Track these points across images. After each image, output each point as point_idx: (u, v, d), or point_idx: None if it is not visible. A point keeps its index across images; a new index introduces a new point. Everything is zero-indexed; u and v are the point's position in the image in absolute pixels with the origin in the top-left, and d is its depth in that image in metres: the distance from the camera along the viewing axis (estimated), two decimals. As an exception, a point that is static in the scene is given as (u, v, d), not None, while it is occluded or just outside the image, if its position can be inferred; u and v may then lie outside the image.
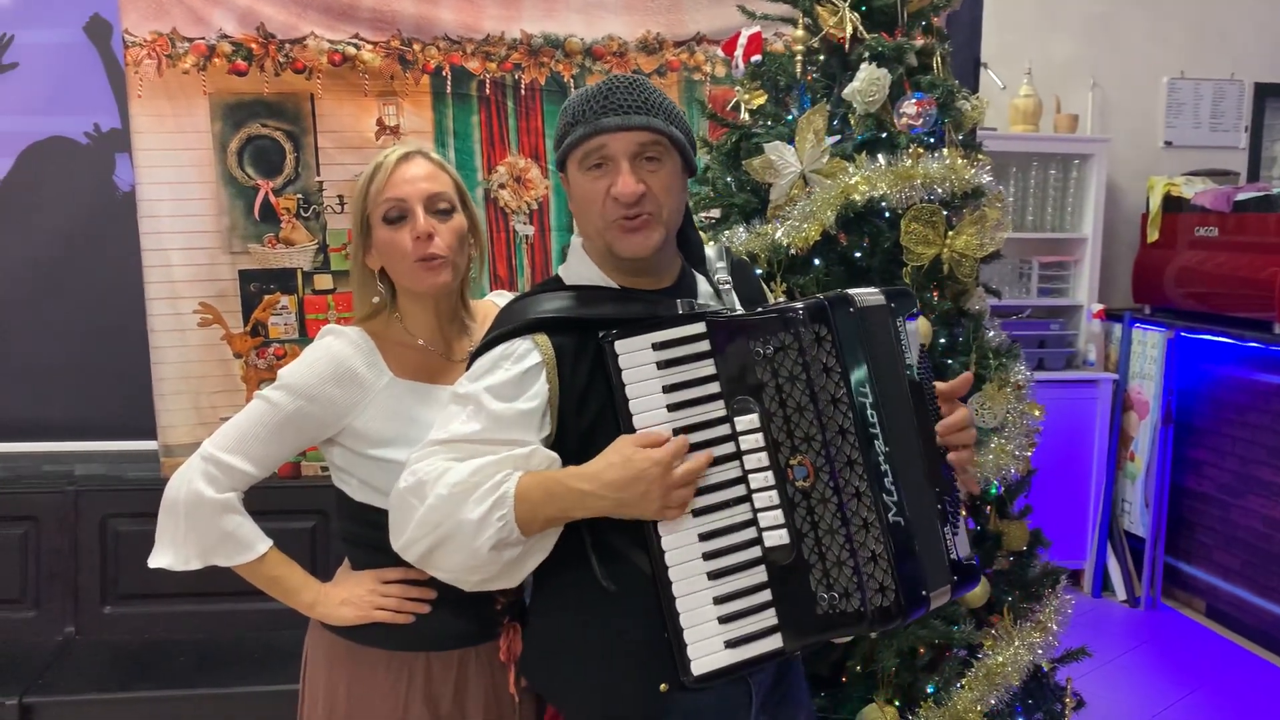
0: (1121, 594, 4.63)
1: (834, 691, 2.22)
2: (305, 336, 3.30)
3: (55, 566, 3.22)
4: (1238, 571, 4.29)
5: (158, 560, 1.69)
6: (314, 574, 1.77)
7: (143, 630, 3.20)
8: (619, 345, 1.43)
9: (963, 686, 2.17)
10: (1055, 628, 2.33)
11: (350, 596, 1.70)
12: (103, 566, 3.23)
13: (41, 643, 3.15)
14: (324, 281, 3.31)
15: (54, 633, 3.20)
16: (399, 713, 1.69)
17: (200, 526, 1.66)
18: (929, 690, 2.18)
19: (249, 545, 1.69)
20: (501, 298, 1.80)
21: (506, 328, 1.51)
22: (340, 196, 3.27)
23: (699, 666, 1.40)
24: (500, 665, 1.74)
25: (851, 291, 1.50)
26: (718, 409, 1.44)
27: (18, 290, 3.41)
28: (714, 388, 1.45)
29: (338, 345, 1.68)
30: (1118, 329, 4.70)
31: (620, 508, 1.40)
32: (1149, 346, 4.56)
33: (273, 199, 3.24)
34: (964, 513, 1.61)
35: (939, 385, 1.61)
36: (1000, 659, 2.19)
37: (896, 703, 2.17)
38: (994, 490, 2.31)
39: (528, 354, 1.47)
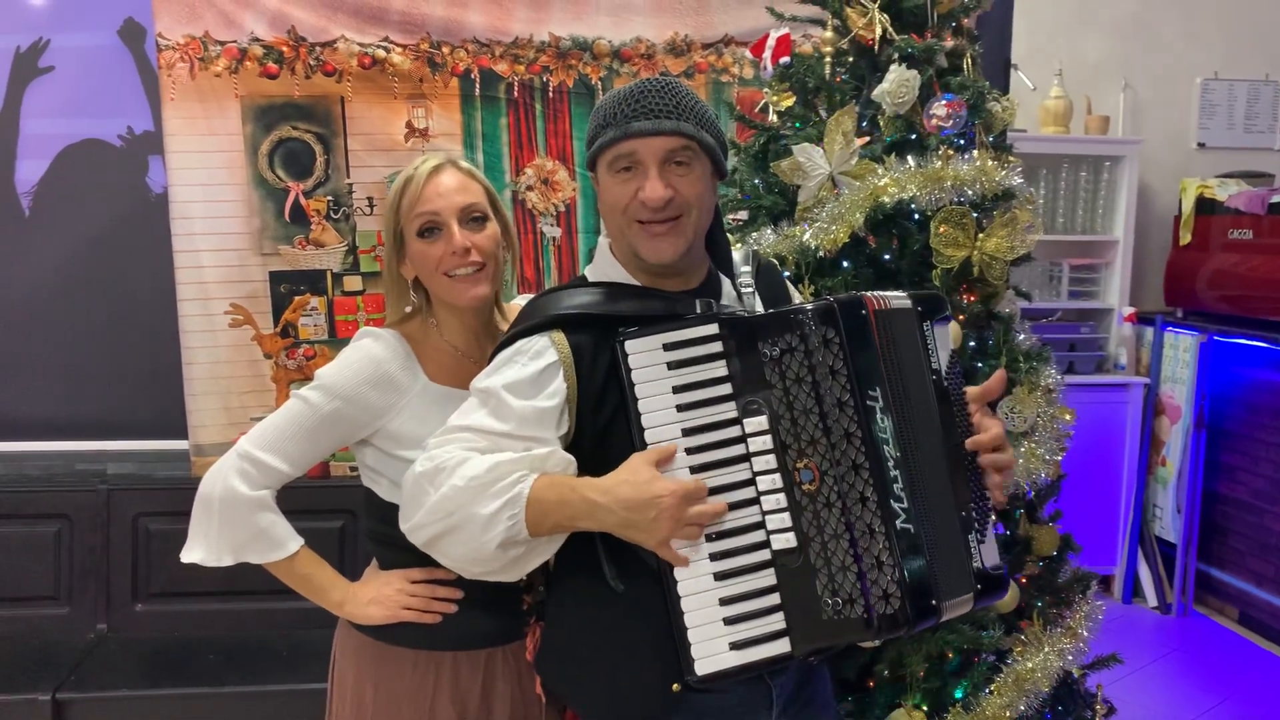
0: (1152, 600, 4.59)
1: (861, 696, 2.21)
2: (335, 337, 3.32)
3: (88, 564, 3.25)
4: (1271, 578, 4.23)
5: (190, 555, 1.71)
6: (343, 573, 1.78)
7: (173, 628, 3.23)
8: (629, 345, 1.43)
9: (992, 692, 2.15)
10: (1085, 634, 2.31)
11: (378, 596, 1.71)
12: (134, 565, 3.26)
13: (74, 640, 3.19)
14: (354, 283, 3.33)
15: (86, 630, 3.24)
16: (426, 712, 1.70)
17: (234, 523, 1.67)
18: (957, 695, 2.17)
19: (281, 543, 1.71)
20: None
21: (525, 325, 1.52)
22: (370, 198, 3.29)
23: (702, 666, 1.39)
24: (527, 665, 1.75)
25: (876, 295, 1.49)
26: (729, 410, 1.44)
27: (52, 290, 3.45)
28: (725, 389, 1.44)
29: (375, 348, 1.70)
30: (1149, 332, 4.66)
31: (626, 527, 1.40)
32: (1181, 350, 4.51)
33: (303, 201, 3.26)
34: (993, 518, 1.59)
35: (970, 389, 1.59)
36: (1030, 665, 2.18)
37: (924, 707, 2.15)
38: (1025, 494, 2.29)
39: (544, 352, 1.47)
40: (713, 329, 1.45)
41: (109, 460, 3.46)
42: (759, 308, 1.62)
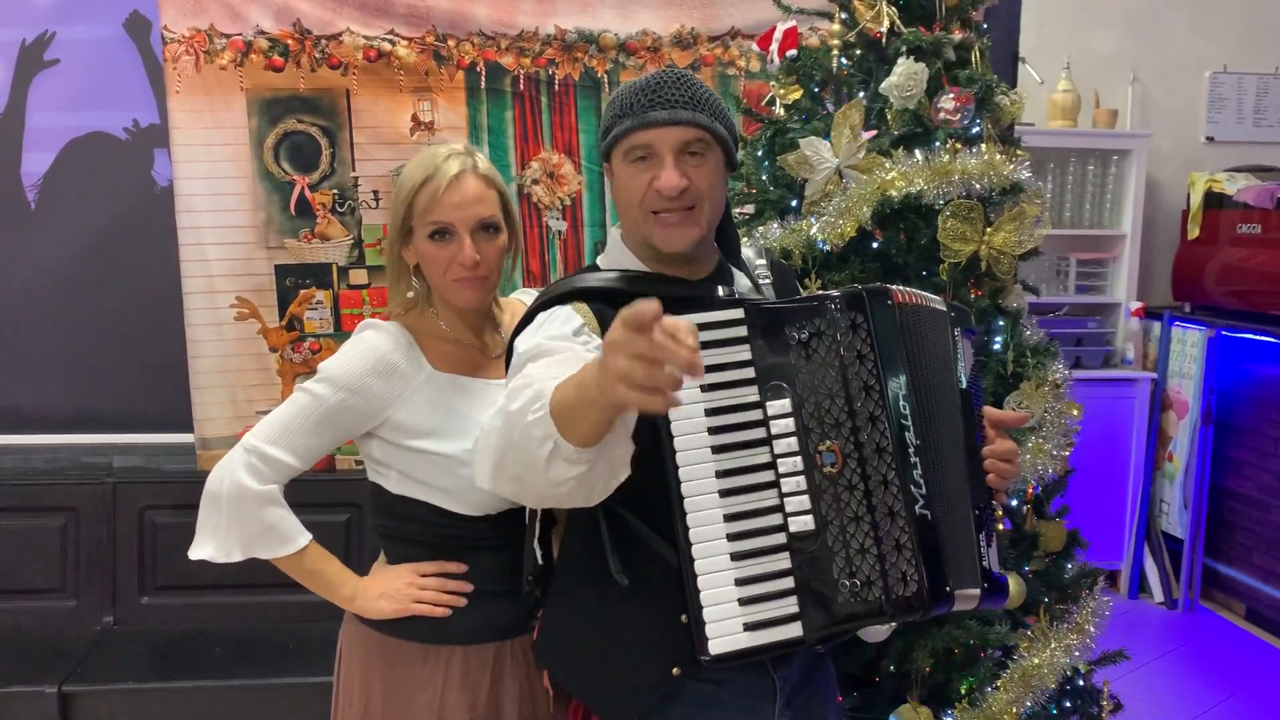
0: (1159, 596, 4.58)
1: (867, 691, 2.21)
2: (340, 331, 3.32)
3: (94, 557, 3.26)
4: (1278, 574, 4.22)
5: (199, 552, 1.70)
6: (349, 567, 1.78)
7: (179, 621, 3.23)
8: None
9: (998, 688, 2.15)
10: (1092, 629, 2.31)
11: (388, 590, 1.71)
12: (140, 557, 3.26)
13: (80, 632, 3.20)
14: (359, 276, 3.33)
15: (93, 622, 3.24)
16: (436, 706, 1.70)
17: (243, 518, 1.67)
18: (963, 691, 2.16)
19: (290, 538, 1.71)
20: (527, 295, 1.81)
21: (546, 298, 1.52)
22: (375, 192, 3.28)
23: (716, 646, 1.39)
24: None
25: (906, 289, 1.52)
26: (751, 394, 1.44)
27: (58, 284, 3.45)
28: (748, 372, 1.44)
29: (378, 339, 1.70)
30: (1156, 327, 4.64)
31: (601, 375, 1.14)
32: (1188, 345, 4.49)
33: (308, 194, 3.26)
34: (998, 531, 1.61)
35: (989, 410, 1.62)
36: (1036, 660, 2.17)
37: (930, 703, 2.15)
38: (1031, 490, 2.28)
39: (570, 318, 1.47)
40: (738, 313, 1.46)
41: (115, 453, 3.46)
42: (774, 298, 1.63)
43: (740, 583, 1.40)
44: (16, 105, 3.40)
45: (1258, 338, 4.29)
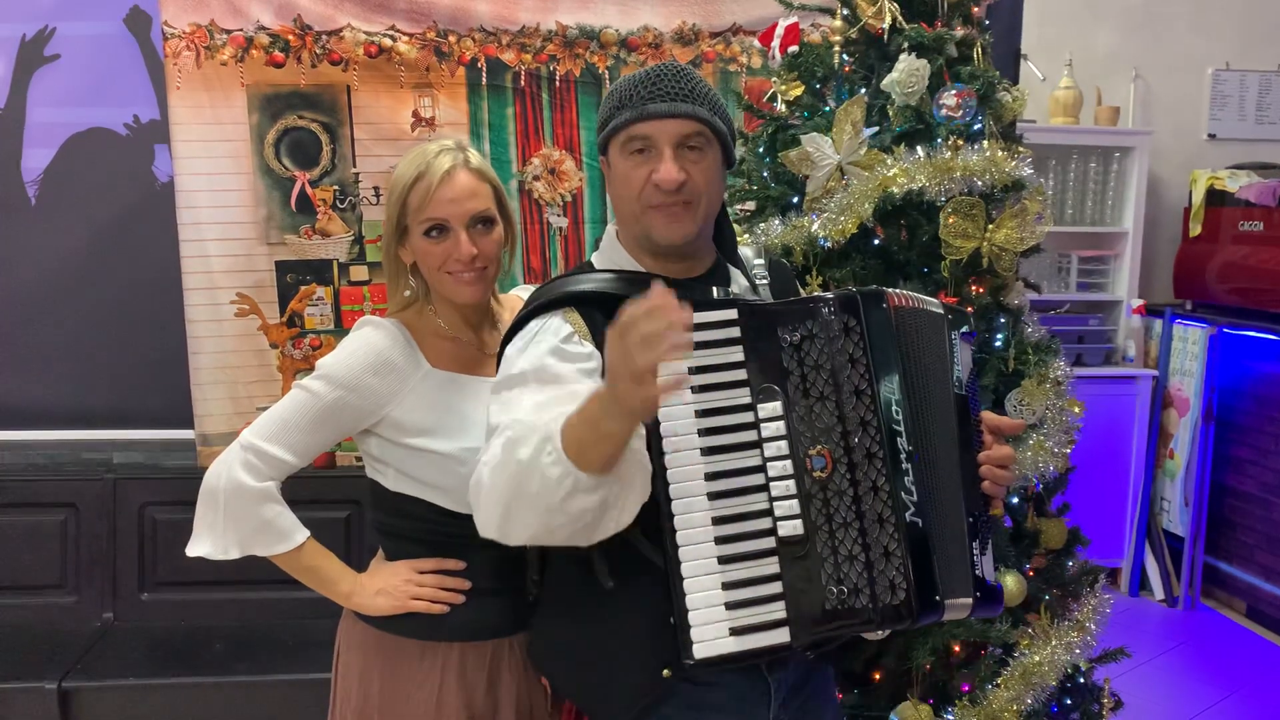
0: (1159, 593, 4.58)
1: (867, 688, 2.21)
2: (341, 327, 3.32)
3: (94, 553, 3.26)
4: (1279, 572, 4.22)
5: (196, 549, 1.70)
6: (349, 564, 1.78)
7: (179, 617, 3.23)
8: None
9: (999, 685, 2.14)
10: (1093, 627, 2.30)
11: (386, 586, 1.71)
12: (140, 554, 3.26)
13: (81, 628, 3.20)
14: (360, 273, 3.32)
15: (93, 618, 3.24)
16: (433, 703, 1.70)
17: (240, 515, 1.67)
18: (964, 689, 2.16)
19: (287, 535, 1.70)
20: (527, 292, 1.81)
21: (536, 304, 1.52)
22: (376, 188, 3.28)
23: (700, 650, 1.38)
24: (533, 657, 1.75)
25: (903, 292, 1.51)
26: (743, 395, 1.44)
27: (58, 279, 3.45)
28: (740, 374, 1.44)
29: (376, 336, 1.69)
30: (1158, 324, 4.64)
31: (616, 399, 1.24)
32: (1190, 343, 4.49)
33: (309, 190, 3.26)
34: (992, 538, 1.59)
35: (987, 414, 1.61)
36: (1037, 658, 2.17)
37: (930, 701, 2.15)
38: (1032, 487, 2.28)
39: (560, 329, 1.47)
40: (732, 314, 1.45)
41: (115, 449, 3.46)
42: (770, 299, 1.62)
43: (727, 586, 1.40)
44: (17, 101, 3.39)
45: (1259, 335, 4.29)
